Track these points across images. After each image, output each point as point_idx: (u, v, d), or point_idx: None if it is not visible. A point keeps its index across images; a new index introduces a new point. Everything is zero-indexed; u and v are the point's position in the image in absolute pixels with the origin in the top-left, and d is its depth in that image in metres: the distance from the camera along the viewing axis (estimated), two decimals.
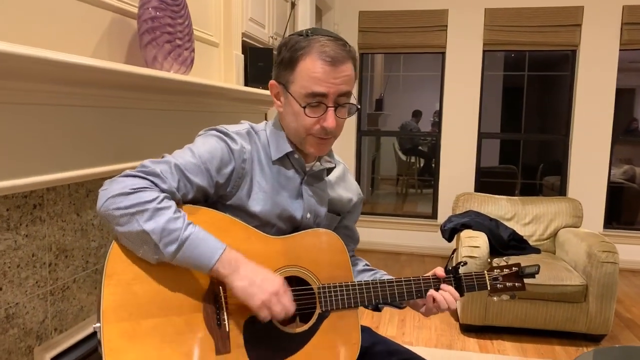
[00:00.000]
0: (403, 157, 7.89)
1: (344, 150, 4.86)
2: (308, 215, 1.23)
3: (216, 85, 1.82)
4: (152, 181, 1.03)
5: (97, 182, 1.48)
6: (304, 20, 3.65)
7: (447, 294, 1.21)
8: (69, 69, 1.14)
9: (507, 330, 3.07)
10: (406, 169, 7.89)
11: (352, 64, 1.13)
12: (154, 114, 1.62)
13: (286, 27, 3.22)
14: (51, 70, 1.11)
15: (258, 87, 2.36)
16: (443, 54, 4.66)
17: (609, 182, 4.51)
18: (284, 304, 1.05)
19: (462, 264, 1.27)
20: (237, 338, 1.08)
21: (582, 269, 2.96)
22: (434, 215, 4.85)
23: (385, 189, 8.22)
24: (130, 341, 0.98)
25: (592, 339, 2.99)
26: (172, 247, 0.99)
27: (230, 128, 1.18)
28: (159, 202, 1.00)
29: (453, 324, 3.22)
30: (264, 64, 2.47)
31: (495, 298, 1.29)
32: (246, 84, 2.47)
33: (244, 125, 1.21)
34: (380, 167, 8.10)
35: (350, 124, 4.90)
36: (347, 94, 1.14)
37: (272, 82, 1.19)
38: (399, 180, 8.02)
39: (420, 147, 7.92)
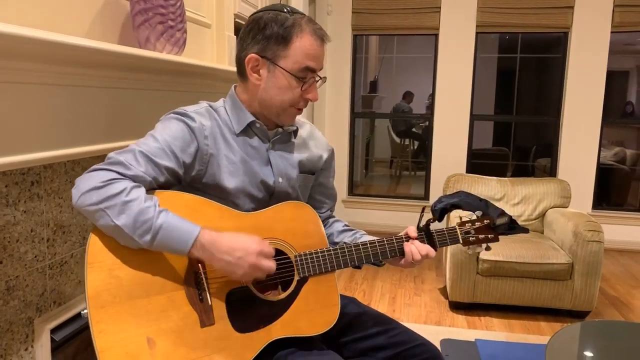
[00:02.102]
0: (397, 140, 7.93)
1: (337, 132, 4.90)
2: (280, 180, 1.28)
3: (207, 66, 1.85)
4: (117, 171, 1.07)
5: (93, 160, 1.52)
6: (297, 1, 3.65)
7: (414, 247, 1.26)
8: (65, 50, 1.17)
9: (494, 307, 3.16)
10: (400, 151, 7.93)
11: None
12: (147, 94, 1.65)
13: None
14: (47, 51, 1.14)
15: None
16: (436, 35, 4.67)
17: (599, 164, 4.58)
18: (263, 268, 1.09)
19: (431, 220, 1.32)
20: (220, 310, 1.13)
21: (568, 247, 3.04)
22: (426, 197, 4.91)
23: (379, 171, 8.28)
24: (118, 322, 1.03)
25: (577, 315, 3.08)
26: (147, 237, 1.04)
27: (189, 108, 1.22)
28: (127, 194, 1.04)
29: (442, 301, 3.30)
30: None
31: (469, 251, 1.35)
32: None
33: (201, 105, 1.26)
34: (374, 149, 8.14)
35: (344, 106, 4.92)
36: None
37: (252, 55, 1.20)
38: (392, 163, 8.07)
39: (414, 129, 7.95)
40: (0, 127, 1.10)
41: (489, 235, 1.33)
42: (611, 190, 5.58)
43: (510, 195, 3.65)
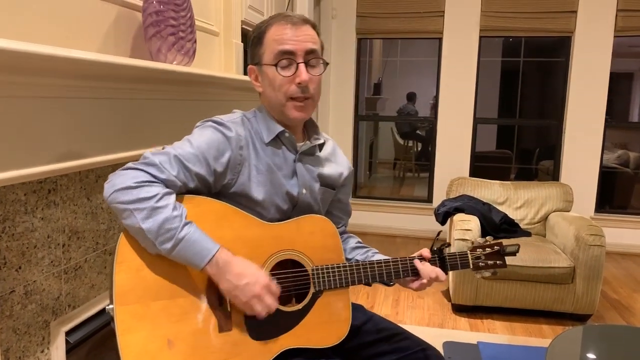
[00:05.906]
0: (400, 141, 7.96)
1: (341, 134, 4.93)
2: (304, 191, 1.31)
3: (218, 76, 1.89)
4: (151, 173, 1.10)
5: (106, 168, 1.56)
6: (302, 6, 3.69)
7: (424, 268, 1.30)
8: (82, 65, 1.21)
9: (496, 310, 3.20)
10: (403, 153, 7.97)
11: (313, 28, 1.26)
12: (158, 104, 1.69)
13: None
14: (65, 67, 1.18)
15: None
16: (440, 39, 4.71)
17: (602, 167, 4.60)
18: (265, 304, 1.12)
19: (446, 245, 1.36)
20: (238, 316, 1.17)
21: (570, 251, 3.07)
22: (429, 199, 4.95)
23: (382, 173, 8.31)
24: (141, 321, 1.08)
25: (579, 318, 3.11)
26: (168, 245, 1.08)
27: (225, 118, 1.26)
28: (158, 200, 1.07)
29: (445, 304, 3.34)
30: None
31: (477, 275, 1.39)
32: (245, 73, 2.54)
33: (237, 114, 1.30)
34: (378, 151, 8.17)
35: (348, 109, 4.96)
36: (314, 52, 1.24)
37: (249, 67, 1.31)
38: (396, 164, 8.11)
39: (418, 131, 7.98)
40: (20, 139, 1.15)
41: (498, 262, 1.38)
42: (614, 193, 5.59)
43: (513, 198, 3.68)
